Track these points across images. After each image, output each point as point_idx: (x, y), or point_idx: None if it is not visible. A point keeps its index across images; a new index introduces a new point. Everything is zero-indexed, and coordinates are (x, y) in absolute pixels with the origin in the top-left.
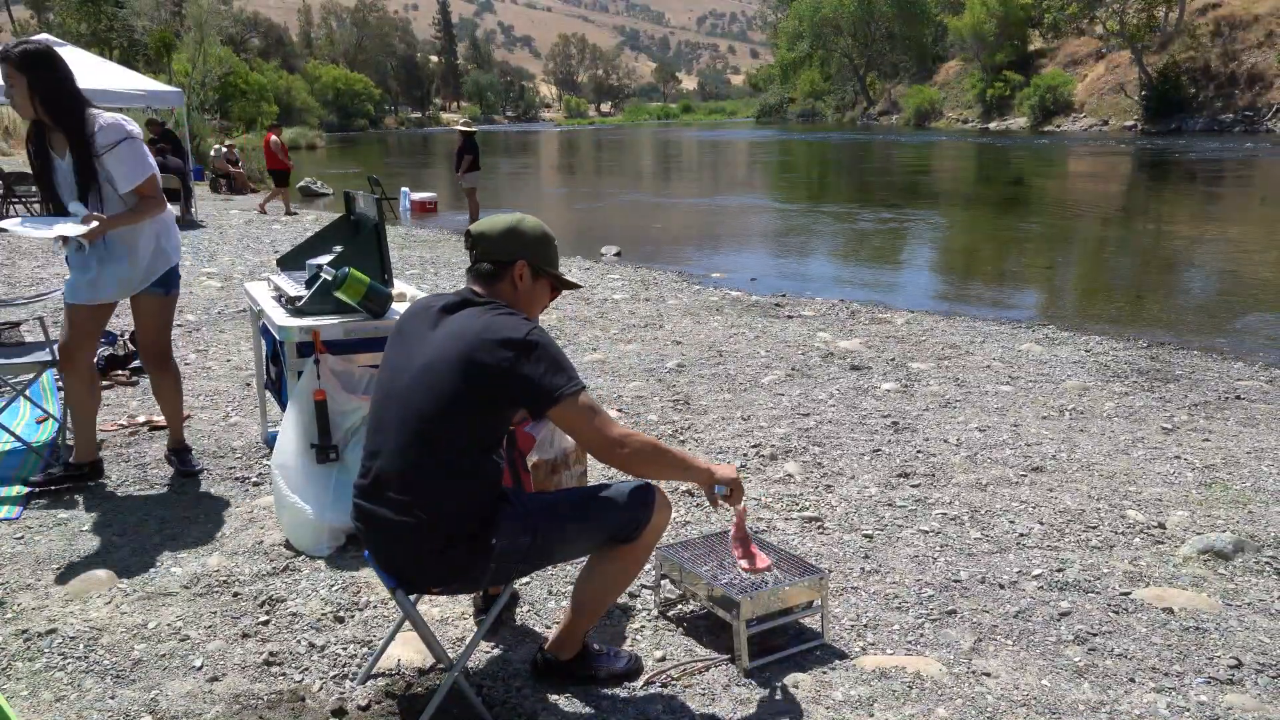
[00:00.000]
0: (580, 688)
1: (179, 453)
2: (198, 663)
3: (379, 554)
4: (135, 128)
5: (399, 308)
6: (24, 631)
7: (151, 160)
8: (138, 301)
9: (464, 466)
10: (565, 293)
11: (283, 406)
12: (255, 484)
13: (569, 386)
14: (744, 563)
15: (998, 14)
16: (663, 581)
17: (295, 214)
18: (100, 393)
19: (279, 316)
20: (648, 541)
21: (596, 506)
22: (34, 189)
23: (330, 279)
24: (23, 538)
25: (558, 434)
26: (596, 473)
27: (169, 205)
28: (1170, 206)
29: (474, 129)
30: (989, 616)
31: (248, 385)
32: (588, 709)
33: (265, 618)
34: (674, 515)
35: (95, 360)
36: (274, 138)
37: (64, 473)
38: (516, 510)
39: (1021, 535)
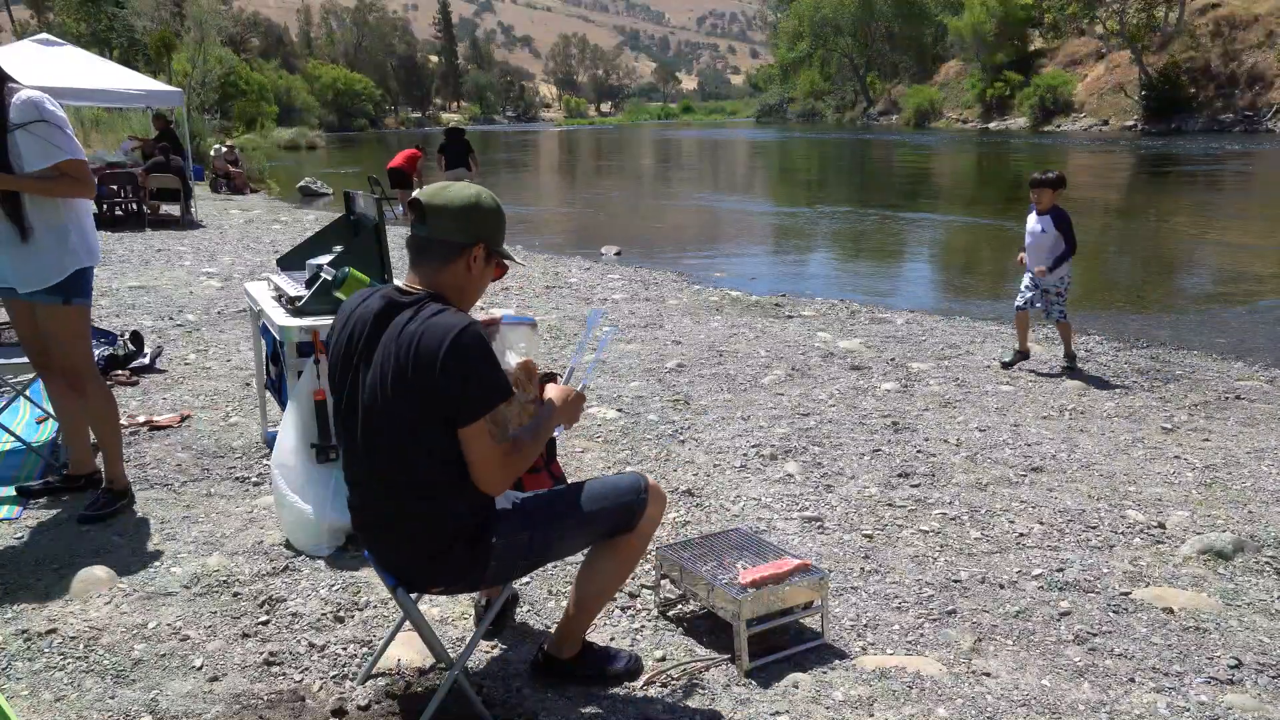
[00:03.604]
0: (580, 687)
1: (104, 491)
2: (198, 663)
3: (379, 556)
4: (55, 110)
5: None
6: (24, 631)
7: (77, 145)
8: (35, 309)
9: (445, 480)
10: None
11: (283, 406)
12: (255, 484)
13: (494, 399)
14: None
15: (998, 14)
16: (663, 581)
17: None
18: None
19: (279, 316)
20: (645, 532)
21: (593, 500)
22: None
23: (330, 279)
24: (23, 538)
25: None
26: (593, 461)
27: (90, 202)
28: (1170, 206)
29: (460, 127)
30: (989, 616)
31: (248, 385)
32: (588, 709)
33: (265, 618)
34: (674, 515)
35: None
36: (417, 155)
37: (61, 484)
38: (514, 508)
39: (1021, 535)
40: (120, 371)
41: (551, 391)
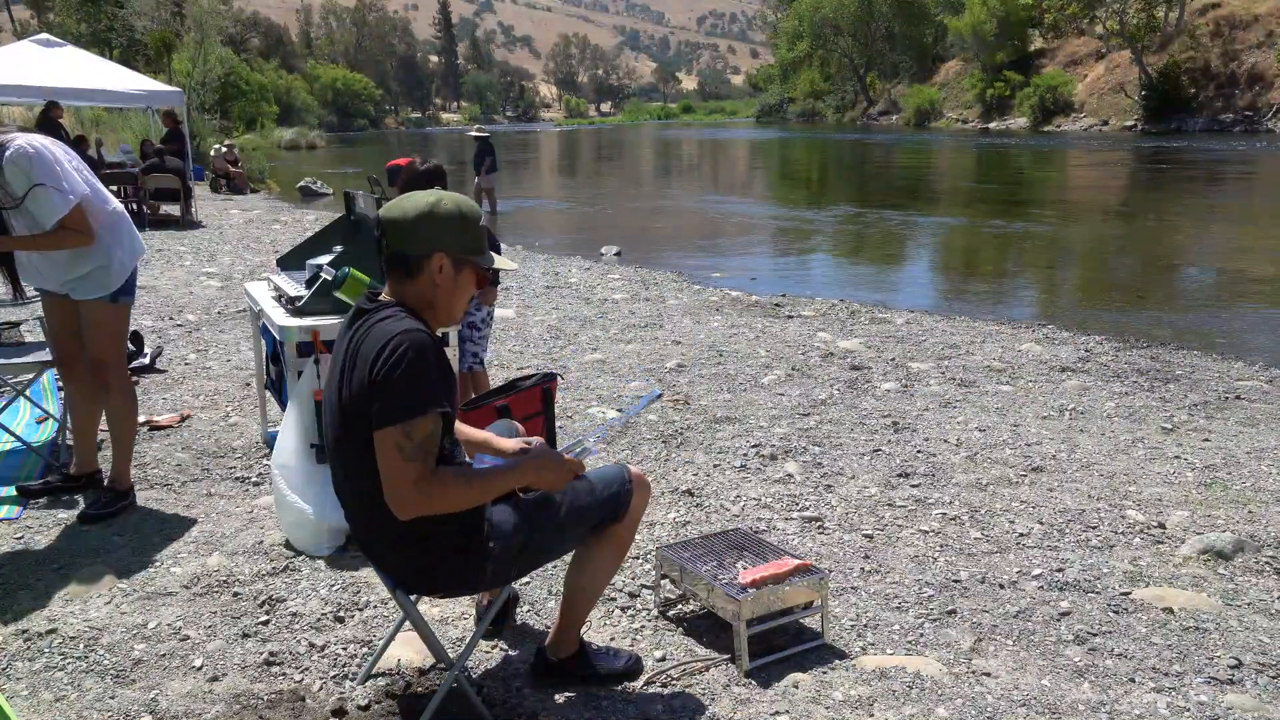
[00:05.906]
0: (580, 687)
1: (107, 490)
2: (198, 663)
3: (375, 563)
4: (43, 165)
5: None
6: (24, 631)
7: (70, 192)
8: (81, 307)
9: None
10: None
11: (283, 406)
12: (255, 484)
13: (401, 413)
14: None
15: (998, 14)
16: (663, 581)
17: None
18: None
19: (279, 316)
20: (632, 520)
21: (583, 495)
22: None
23: (330, 279)
24: (23, 538)
25: None
26: (593, 461)
27: (93, 238)
28: (1170, 206)
29: (488, 133)
30: (989, 616)
31: (248, 385)
32: (588, 709)
33: (265, 618)
34: (674, 515)
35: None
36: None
37: (61, 484)
38: (508, 511)
39: (1021, 535)
40: None
41: (535, 447)
